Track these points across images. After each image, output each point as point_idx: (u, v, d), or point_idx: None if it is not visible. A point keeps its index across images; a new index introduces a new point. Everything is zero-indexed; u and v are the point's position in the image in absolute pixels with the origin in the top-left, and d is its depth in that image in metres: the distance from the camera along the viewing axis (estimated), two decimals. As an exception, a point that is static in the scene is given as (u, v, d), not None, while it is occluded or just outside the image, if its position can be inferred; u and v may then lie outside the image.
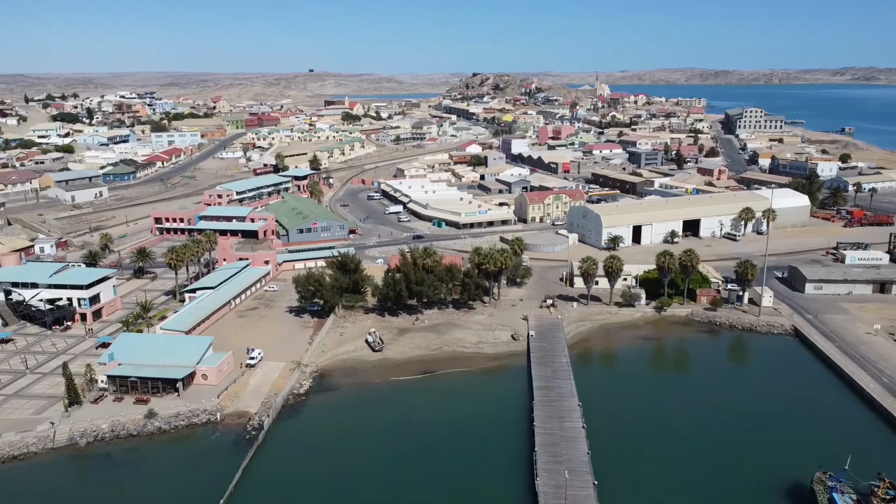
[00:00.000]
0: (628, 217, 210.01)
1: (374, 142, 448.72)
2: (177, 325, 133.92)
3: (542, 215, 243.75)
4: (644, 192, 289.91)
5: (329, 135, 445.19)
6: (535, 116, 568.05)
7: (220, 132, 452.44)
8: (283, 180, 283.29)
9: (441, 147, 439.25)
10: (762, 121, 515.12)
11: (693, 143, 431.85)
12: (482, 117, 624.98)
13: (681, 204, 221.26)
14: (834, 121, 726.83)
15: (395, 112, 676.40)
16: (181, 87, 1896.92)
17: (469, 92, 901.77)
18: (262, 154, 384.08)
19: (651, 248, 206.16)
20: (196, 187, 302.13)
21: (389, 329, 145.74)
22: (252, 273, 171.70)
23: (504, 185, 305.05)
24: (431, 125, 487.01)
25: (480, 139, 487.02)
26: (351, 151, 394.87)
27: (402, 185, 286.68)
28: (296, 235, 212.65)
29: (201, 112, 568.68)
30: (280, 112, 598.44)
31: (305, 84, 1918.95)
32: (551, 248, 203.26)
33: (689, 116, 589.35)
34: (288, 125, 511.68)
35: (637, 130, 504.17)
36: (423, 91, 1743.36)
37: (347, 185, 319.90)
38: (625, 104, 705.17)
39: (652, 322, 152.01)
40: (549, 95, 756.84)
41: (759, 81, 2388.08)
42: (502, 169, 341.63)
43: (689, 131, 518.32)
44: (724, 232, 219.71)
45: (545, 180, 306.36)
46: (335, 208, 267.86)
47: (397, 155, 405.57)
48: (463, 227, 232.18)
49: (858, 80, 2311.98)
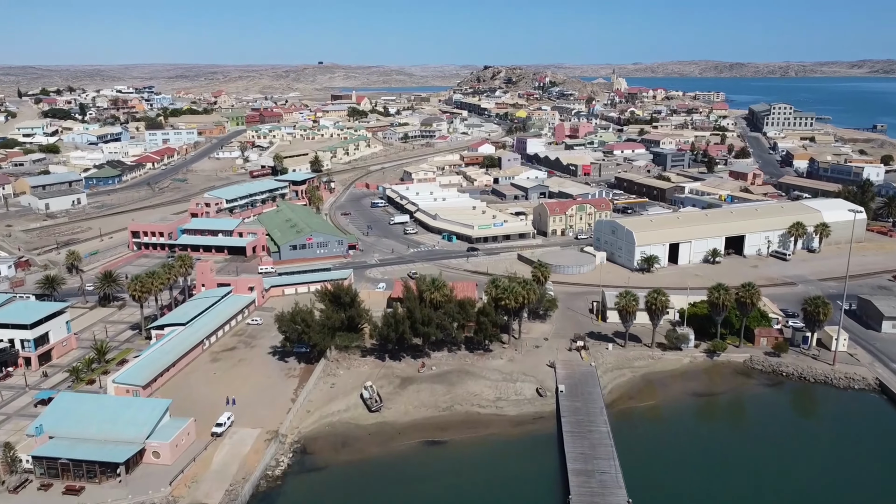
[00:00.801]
0: (664, 233, 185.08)
1: (381, 140, 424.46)
2: (132, 378, 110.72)
3: (564, 228, 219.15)
4: (674, 199, 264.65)
5: (333, 132, 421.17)
6: (549, 112, 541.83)
7: (218, 129, 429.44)
8: (279, 185, 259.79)
9: (451, 146, 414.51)
10: (791, 118, 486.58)
11: (720, 141, 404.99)
12: (494, 113, 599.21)
13: (722, 217, 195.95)
14: (861, 117, 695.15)
15: (404, 107, 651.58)
16: (189, 79, 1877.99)
17: (480, 85, 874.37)
18: (261, 154, 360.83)
19: (690, 269, 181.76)
20: (187, 192, 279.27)
21: (390, 378, 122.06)
22: (233, 303, 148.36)
23: (520, 190, 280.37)
24: (441, 122, 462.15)
25: (493, 137, 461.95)
26: (356, 151, 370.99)
27: (409, 190, 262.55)
28: (288, 252, 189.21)
29: (202, 107, 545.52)
30: (283, 107, 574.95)
31: (314, 76, 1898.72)
32: (577, 270, 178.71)
33: (712, 112, 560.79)
34: (291, 122, 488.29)
35: (659, 128, 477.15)
36: (433, 84, 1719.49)
37: (350, 189, 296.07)
38: (643, 99, 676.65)
39: (703, 370, 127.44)
40: (564, 90, 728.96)
41: (774, 74, 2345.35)
42: (517, 171, 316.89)
43: (714, 129, 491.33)
44: (771, 250, 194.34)
45: (564, 185, 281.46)
46: (335, 217, 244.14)
47: (405, 155, 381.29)
48: (476, 242, 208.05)
49: (877, 73, 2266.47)
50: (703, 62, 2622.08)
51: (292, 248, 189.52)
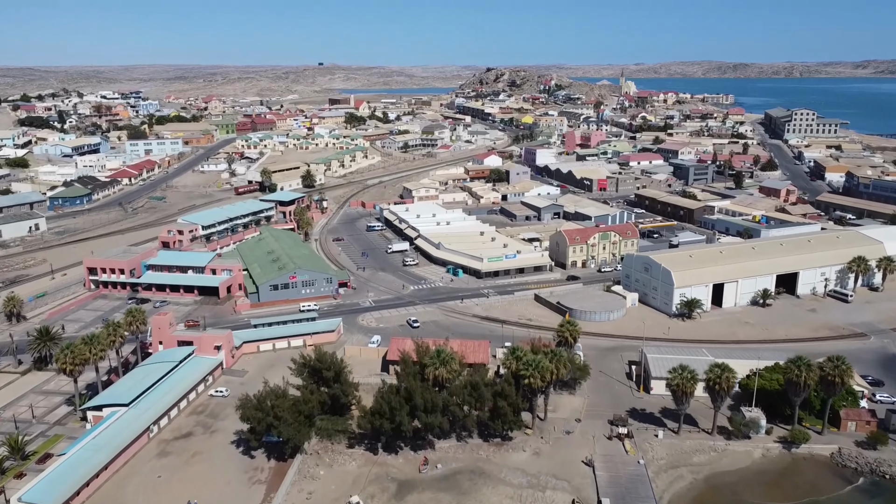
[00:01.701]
0: (707, 272, 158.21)
1: (380, 149, 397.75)
2: (43, 498, 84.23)
3: (585, 258, 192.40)
4: (703, 220, 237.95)
5: (329, 142, 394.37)
6: (557, 118, 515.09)
7: (206, 138, 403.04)
8: (264, 206, 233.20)
9: (454, 156, 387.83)
10: (814, 124, 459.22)
11: (742, 151, 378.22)
12: (499, 118, 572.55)
13: (771, 251, 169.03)
14: (879, 121, 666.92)
15: (404, 112, 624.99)
16: (188, 80, 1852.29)
17: (483, 88, 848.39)
18: (249, 166, 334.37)
19: (737, 313, 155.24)
20: (164, 212, 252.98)
21: (383, 482, 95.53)
22: (194, 368, 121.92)
23: (531, 210, 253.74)
24: (443, 130, 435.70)
25: (499, 145, 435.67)
26: (352, 163, 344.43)
27: (409, 212, 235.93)
28: (268, 293, 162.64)
29: (190, 114, 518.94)
30: (278, 113, 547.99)
31: (314, 78, 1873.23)
32: (606, 316, 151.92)
33: (728, 118, 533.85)
34: (284, 129, 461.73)
35: (674, 135, 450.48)
36: (434, 85, 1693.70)
37: (345, 208, 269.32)
38: (653, 103, 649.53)
39: (781, 469, 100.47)
40: (571, 93, 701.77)
41: (779, 75, 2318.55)
42: (527, 187, 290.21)
43: (731, 136, 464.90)
44: (829, 289, 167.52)
45: (580, 203, 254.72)
46: (326, 243, 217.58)
47: (405, 167, 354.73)
48: (486, 276, 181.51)
49: (882, 74, 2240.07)
50: (707, 63, 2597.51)
51: (273, 287, 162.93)
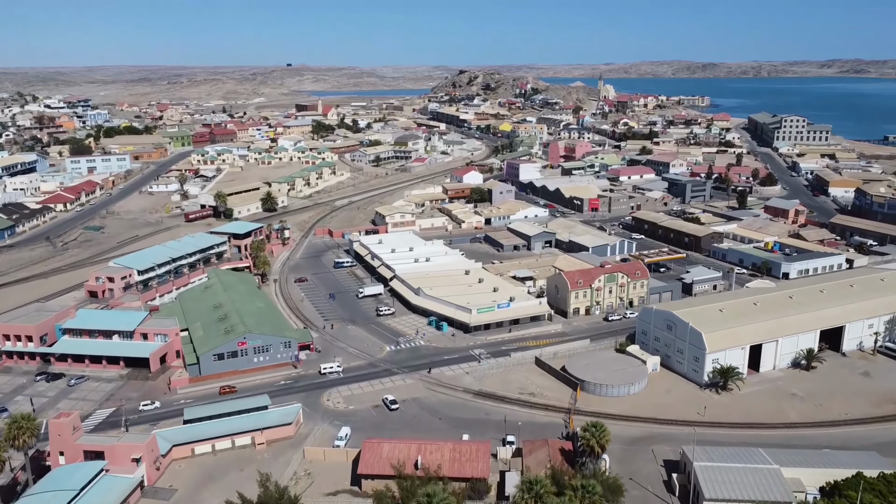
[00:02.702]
0: (742, 332, 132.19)
1: (349, 163, 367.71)
2: None
3: (590, 305, 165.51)
4: (712, 249, 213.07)
5: (293, 156, 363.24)
6: (536, 126, 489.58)
7: (158, 153, 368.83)
8: (215, 241, 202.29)
9: (430, 169, 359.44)
10: (804, 131, 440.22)
11: (736, 162, 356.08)
12: (475, 125, 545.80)
13: (812, 301, 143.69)
14: (861, 124, 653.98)
15: (375, 118, 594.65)
16: (151, 83, 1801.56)
17: (457, 92, 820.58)
18: (204, 186, 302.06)
19: (779, 380, 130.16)
20: (101, 247, 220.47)
21: None
22: (104, 492, 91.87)
23: (519, 237, 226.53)
24: (417, 140, 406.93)
25: (477, 156, 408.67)
26: (319, 180, 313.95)
27: (383, 245, 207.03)
28: (211, 364, 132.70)
29: (144, 124, 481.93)
30: (239, 122, 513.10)
31: (282, 79, 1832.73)
32: (625, 390, 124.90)
33: (713, 124, 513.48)
34: (246, 140, 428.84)
35: (660, 144, 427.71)
36: (405, 86, 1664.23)
37: (310, 237, 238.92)
38: (633, 108, 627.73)
39: None
40: (548, 97, 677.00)
41: (747, 74, 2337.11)
42: (513, 208, 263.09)
43: (719, 144, 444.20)
44: (879, 344, 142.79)
45: (574, 230, 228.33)
46: (287, 286, 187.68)
47: (377, 183, 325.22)
48: (475, 330, 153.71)
49: (847, 73, 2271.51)
50: (676, 62, 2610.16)
51: (217, 357, 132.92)
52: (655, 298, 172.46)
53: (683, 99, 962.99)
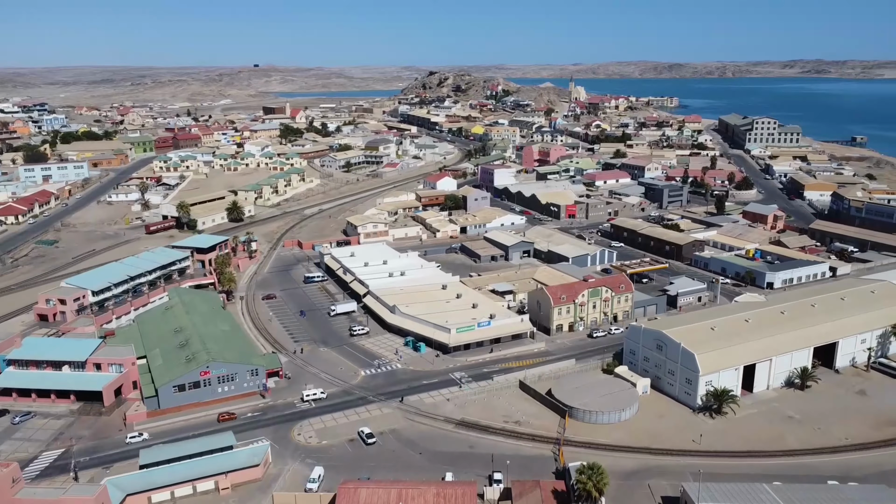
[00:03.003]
0: (736, 352, 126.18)
1: (318, 169, 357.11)
2: None
3: (573, 321, 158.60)
4: (694, 258, 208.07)
5: (260, 162, 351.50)
6: (509, 129, 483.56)
7: (119, 159, 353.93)
8: (177, 256, 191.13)
9: (402, 175, 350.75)
10: (775, 133, 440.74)
11: (711, 165, 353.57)
12: (446, 128, 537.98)
13: (804, 317, 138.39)
14: (828, 124, 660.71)
15: (345, 122, 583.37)
16: (115, 84, 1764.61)
17: (427, 94, 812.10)
18: (167, 194, 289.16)
19: (774, 402, 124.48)
20: (55, 262, 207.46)
21: None
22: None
23: (497, 247, 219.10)
24: (389, 144, 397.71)
25: (449, 160, 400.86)
26: (287, 188, 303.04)
27: (355, 257, 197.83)
28: (171, 396, 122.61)
29: (104, 129, 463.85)
30: (204, 126, 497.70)
31: (249, 80, 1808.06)
32: (615, 416, 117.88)
33: (685, 126, 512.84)
34: (210, 145, 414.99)
35: (634, 146, 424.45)
36: (374, 87, 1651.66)
37: (278, 249, 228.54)
38: (605, 109, 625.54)
39: None
40: (520, 99, 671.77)
41: (712, 75, 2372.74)
42: (488, 216, 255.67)
43: (692, 146, 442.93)
44: (873, 359, 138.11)
45: (553, 239, 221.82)
46: (254, 304, 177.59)
47: (348, 190, 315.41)
48: (454, 350, 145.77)
49: (809, 74, 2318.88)
50: (643, 63, 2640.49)
51: (178, 388, 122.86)
52: (640, 312, 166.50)
53: (653, 100, 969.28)
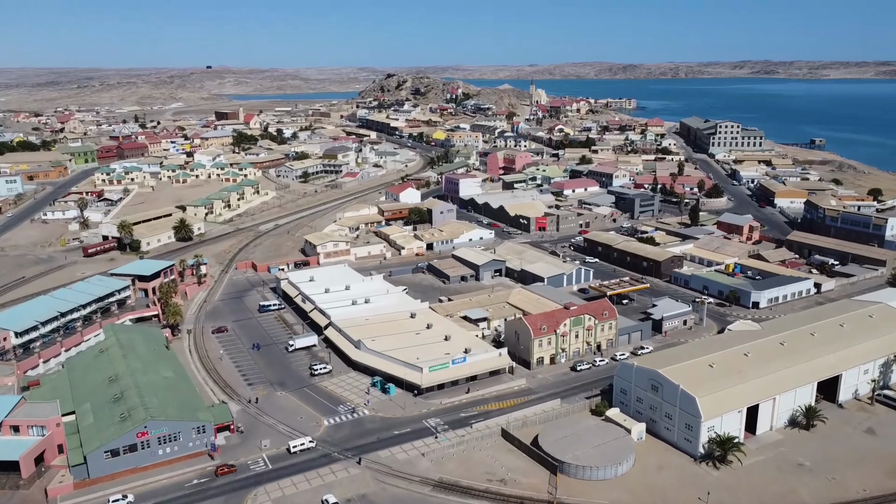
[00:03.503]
0: (738, 392, 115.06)
1: (274, 180, 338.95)
2: None
3: (555, 353, 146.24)
4: (674, 275, 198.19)
5: (212, 173, 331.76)
6: (471, 134, 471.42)
7: (57, 172, 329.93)
8: (116, 286, 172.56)
9: (363, 185, 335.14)
10: (738, 137, 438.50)
11: (678, 172, 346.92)
12: (407, 133, 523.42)
13: (805, 348, 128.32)
14: (784, 126, 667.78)
15: (301, 127, 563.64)
16: (60, 87, 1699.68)
17: (385, 97, 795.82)
18: (108, 211, 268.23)
19: (780, 445, 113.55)
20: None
21: None
22: None
23: (467, 266, 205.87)
24: (348, 151, 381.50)
25: (411, 167, 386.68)
26: (240, 201, 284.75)
27: (315, 282, 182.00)
28: (103, 463, 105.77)
29: (42, 138, 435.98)
30: (152, 134, 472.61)
31: (202, 82, 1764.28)
32: (611, 472, 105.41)
33: (648, 130, 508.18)
34: (158, 155, 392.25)
35: (599, 152, 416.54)
36: (330, 89, 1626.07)
37: (230, 272, 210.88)
38: (566, 113, 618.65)
39: None
40: (480, 102, 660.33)
41: (666, 75, 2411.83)
42: (456, 231, 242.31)
43: (656, 150, 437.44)
44: (877, 392, 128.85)
45: (525, 256, 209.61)
46: (203, 338, 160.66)
47: (306, 203, 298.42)
48: (427, 392, 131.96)
49: (758, 74, 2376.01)
50: (598, 64, 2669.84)
51: (111, 454, 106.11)
52: (624, 340, 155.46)
53: (611, 101, 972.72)
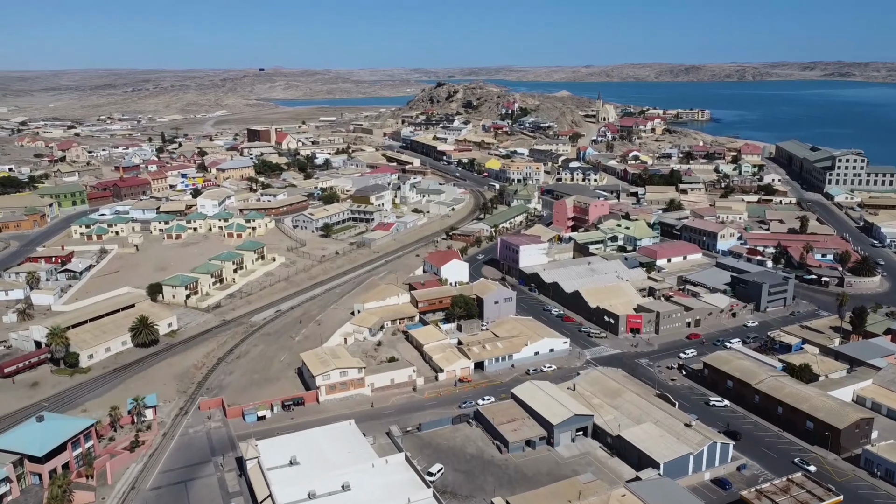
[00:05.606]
0: None
1: (289, 233, 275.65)
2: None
3: None
4: (864, 455, 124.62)
5: (212, 225, 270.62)
6: (530, 164, 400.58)
7: (31, 220, 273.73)
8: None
9: (398, 241, 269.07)
10: (862, 173, 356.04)
11: (800, 227, 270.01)
12: (455, 158, 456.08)
13: None
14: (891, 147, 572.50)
15: (338, 148, 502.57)
16: (116, 88, 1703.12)
17: (434, 109, 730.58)
18: (67, 289, 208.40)
19: None
20: None
21: None
22: None
23: (532, 417, 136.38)
24: (383, 192, 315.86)
25: (459, 213, 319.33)
26: (236, 274, 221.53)
27: (295, 470, 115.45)
28: None
29: (38, 170, 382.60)
30: (163, 162, 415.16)
31: (253, 86, 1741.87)
32: None
33: (742, 158, 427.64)
34: (161, 192, 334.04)
35: (688, 192, 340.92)
36: (381, 93, 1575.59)
37: (188, 419, 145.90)
38: (640, 133, 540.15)
39: None
40: (540, 120, 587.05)
41: (731, 78, 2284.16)
42: (517, 340, 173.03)
43: (757, 189, 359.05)
44: None
45: (622, 403, 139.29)
46: None
47: (321, 273, 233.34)
48: None
49: (831, 76, 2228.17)
50: (658, 65, 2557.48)
51: None
52: None
53: (682, 113, 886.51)
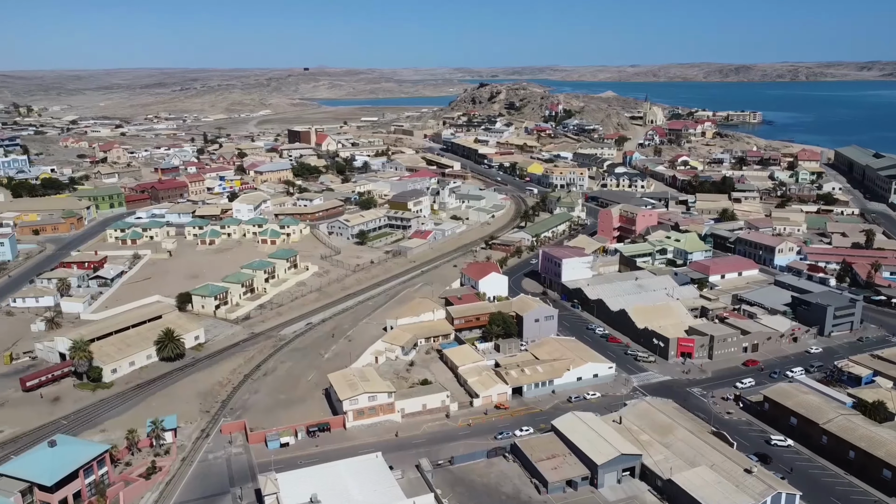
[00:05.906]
0: None
1: (324, 239, 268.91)
2: None
3: None
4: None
5: (246, 231, 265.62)
6: (574, 169, 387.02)
7: (68, 223, 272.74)
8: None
9: (435, 250, 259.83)
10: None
11: (865, 243, 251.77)
12: (496, 162, 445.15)
13: None
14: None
15: (378, 150, 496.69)
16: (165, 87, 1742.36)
17: (476, 110, 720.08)
18: (98, 295, 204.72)
19: None
20: None
21: None
22: None
23: (575, 454, 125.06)
24: (421, 198, 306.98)
25: (499, 220, 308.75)
26: (268, 284, 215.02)
27: (328, 486, 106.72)
28: None
29: (80, 171, 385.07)
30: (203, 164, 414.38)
31: (297, 85, 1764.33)
32: None
33: (799, 165, 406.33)
34: (199, 195, 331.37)
35: (742, 201, 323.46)
36: (424, 93, 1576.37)
37: (209, 443, 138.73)
38: (689, 137, 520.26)
39: None
40: (584, 122, 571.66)
41: (784, 78, 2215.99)
42: (558, 364, 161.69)
43: (816, 198, 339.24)
44: None
45: (673, 441, 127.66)
46: None
47: (356, 284, 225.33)
48: None
49: (890, 77, 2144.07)
50: (707, 65, 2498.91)
51: None
52: None
53: (732, 115, 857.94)
